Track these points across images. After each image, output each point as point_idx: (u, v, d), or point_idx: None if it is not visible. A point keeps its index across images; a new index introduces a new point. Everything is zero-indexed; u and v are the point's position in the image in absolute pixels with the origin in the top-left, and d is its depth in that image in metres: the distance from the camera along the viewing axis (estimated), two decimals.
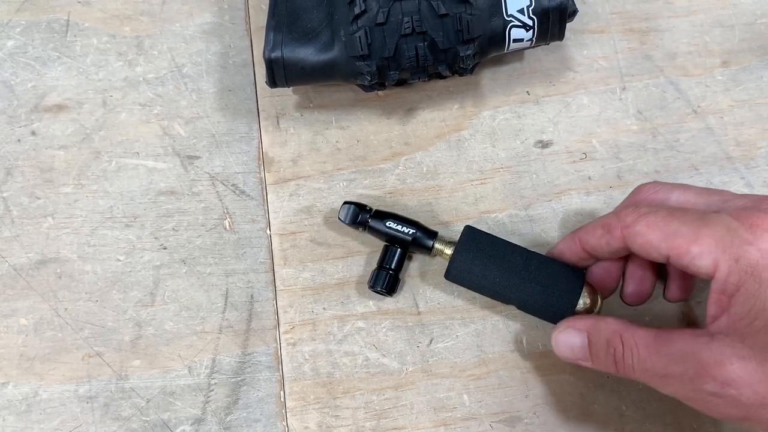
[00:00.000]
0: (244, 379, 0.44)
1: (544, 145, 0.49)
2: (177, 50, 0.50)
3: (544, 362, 0.45)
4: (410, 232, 0.44)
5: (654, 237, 0.35)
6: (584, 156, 0.49)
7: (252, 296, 0.45)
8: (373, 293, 0.45)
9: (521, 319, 0.45)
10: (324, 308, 0.45)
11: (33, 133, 0.48)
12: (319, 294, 0.45)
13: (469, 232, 0.43)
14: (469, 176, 0.48)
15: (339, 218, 0.44)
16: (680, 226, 0.34)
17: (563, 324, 0.40)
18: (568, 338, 0.39)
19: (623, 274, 0.43)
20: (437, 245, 0.43)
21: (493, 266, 0.42)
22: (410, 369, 0.44)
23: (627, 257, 0.42)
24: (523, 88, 0.50)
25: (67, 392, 0.43)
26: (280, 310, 0.45)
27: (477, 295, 0.45)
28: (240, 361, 0.44)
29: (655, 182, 0.41)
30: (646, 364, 0.35)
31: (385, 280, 0.44)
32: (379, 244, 0.45)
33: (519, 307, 0.43)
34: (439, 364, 0.44)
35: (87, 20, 0.50)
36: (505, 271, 0.42)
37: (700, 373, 0.33)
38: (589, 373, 0.44)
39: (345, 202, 0.44)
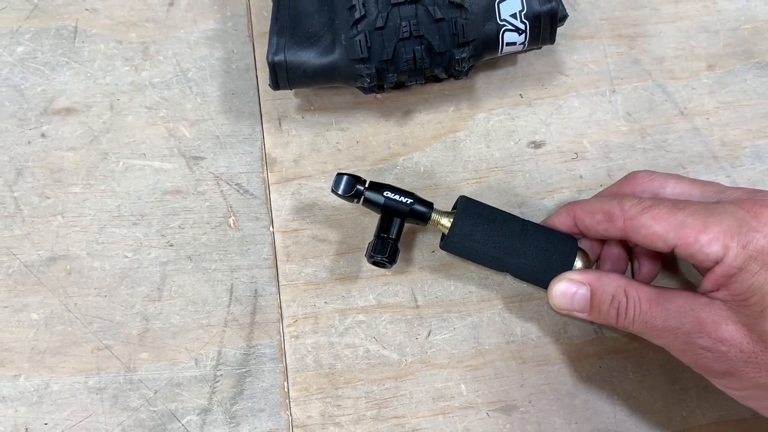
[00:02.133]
0: (248, 371, 0.45)
1: (536, 145, 0.51)
2: (182, 55, 0.52)
3: (539, 353, 0.46)
4: (408, 202, 0.43)
5: (660, 228, 0.37)
6: (576, 156, 0.50)
7: (256, 291, 0.47)
8: (373, 266, 0.45)
9: (516, 312, 0.47)
10: (326, 302, 0.47)
11: (43, 135, 0.49)
12: (321, 289, 0.47)
13: (466, 201, 0.44)
14: (464, 175, 0.50)
15: (332, 190, 0.43)
16: (687, 217, 0.37)
17: (562, 276, 0.42)
18: (569, 288, 0.41)
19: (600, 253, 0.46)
20: (434, 215, 0.44)
21: (493, 231, 0.43)
22: (409, 360, 0.46)
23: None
24: (516, 91, 0.52)
25: (77, 384, 0.44)
26: (283, 304, 0.46)
27: (473, 288, 0.47)
28: (245, 354, 0.45)
29: (648, 171, 0.43)
30: (647, 317, 0.38)
31: (388, 249, 0.43)
32: None
33: (515, 274, 0.44)
34: (438, 356, 0.46)
35: (94, 27, 0.52)
36: (505, 235, 0.43)
37: (697, 329, 0.37)
38: (582, 363, 0.46)
39: (338, 173, 0.43)
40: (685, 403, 0.45)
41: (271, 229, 0.48)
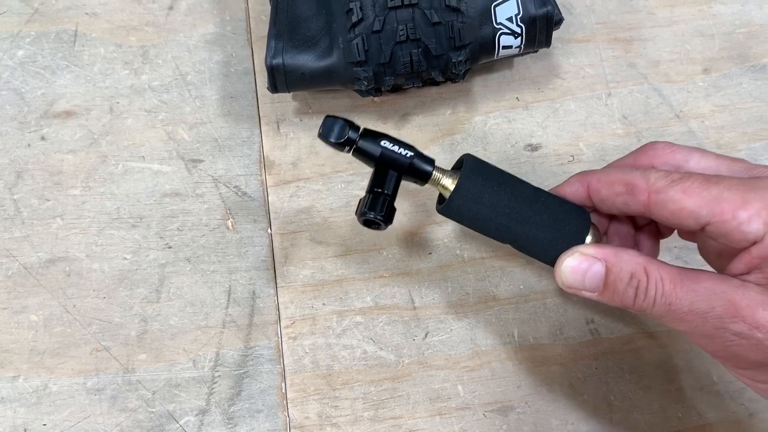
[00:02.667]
0: (246, 372, 0.45)
1: (533, 148, 0.51)
2: (181, 59, 0.52)
3: (535, 354, 0.46)
4: (408, 155, 0.38)
5: (691, 203, 0.34)
6: (572, 158, 0.51)
7: (254, 293, 0.47)
8: (365, 227, 0.40)
9: (513, 313, 0.47)
10: (323, 304, 0.47)
11: (42, 138, 0.50)
12: (319, 290, 0.47)
13: (474, 160, 0.39)
14: None
15: (320, 135, 0.38)
16: (723, 191, 0.33)
17: (574, 249, 0.37)
18: (581, 264, 0.36)
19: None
20: (436, 173, 0.39)
21: (503, 195, 0.38)
22: (406, 361, 0.46)
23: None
24: (513, 95, 0.52)
25: (76, 385, 0.45)
26: (281, 306, 0.47)
27: (470, 290, 0.47)
28: (243, 355, 0.46)
29: (668, 142, 0.40)
30: (671, 298, 0.34)
31: (383, 205, 0.38)
32: (379, 242, 0.47)
33: (520, 245, 0.40)
34: (435, 357, 0.46)
35: (94, 31, 0.53)
36: (517, 200, 0.38)
37: (731, 312, 0.33)
38: (578, 364, 0.46)
39: (328, 116, 0.38)
40: (681, 404, 0.46)
41: (269, 231, 0.48)
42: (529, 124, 0.52)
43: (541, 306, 0.47)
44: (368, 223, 0.39)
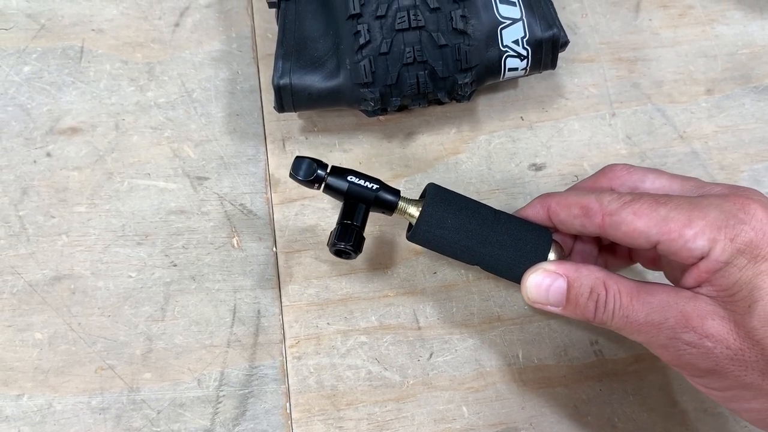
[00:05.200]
0: (251, 392, 0.45)
1: (537, 167, 0.51)
2: (187, 76, 0.52)
3: (540, 375, 0.46)
4: (374, 188, 0.41)
5: (642, 224, 0.36)
6: (576, 178, 0.51)
7: (259, 311, 0.47)
8: (337, 257, 0.42)
9: (518, 334, 0.47)
10: (328, 323, 0.47)
11: (48, 154, 0.50)
12: (324, 309, 0.47)
13: (435, 188, 0.42)
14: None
15: (291, 174, 0.41)
16: (669, 211, 0.35)
17: (537, 266, 0.39)
18: (544, 280, 0.38)
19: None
20: (401, 203, 0.42)
21: (465, 219, 0.41)
22: (411, 382, 0.46)
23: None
24: (517, 114, 0.53)
25: (81, 404, 0.45)
26: (285, 325, 0.47)
27: (475, 310, 0.47)
28: (247, 374, 0.46)
29: (626, 164, 0.42)
30: (628, 311, 0.36)
31: (351, 236, 0.40)
32: (383, 254, 0.47)
33: (487, 265, 0.42)
34: (439, 377, 0.46)
35: (100, 47, 0.53)
36: (477, 223, 0.41)
37: (682, 324, 0.35)
38: (583, 386, 0.46)
39: (297, 157, 0.41)
40: (684, 426, 0.46)
41: (274, 249, 0.48)
42: (534, 143, 0.52)
43: (546, 327, 0.47)
44: (339, 253, 0.41)
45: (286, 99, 0.46)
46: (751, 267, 0.34)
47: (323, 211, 0.49)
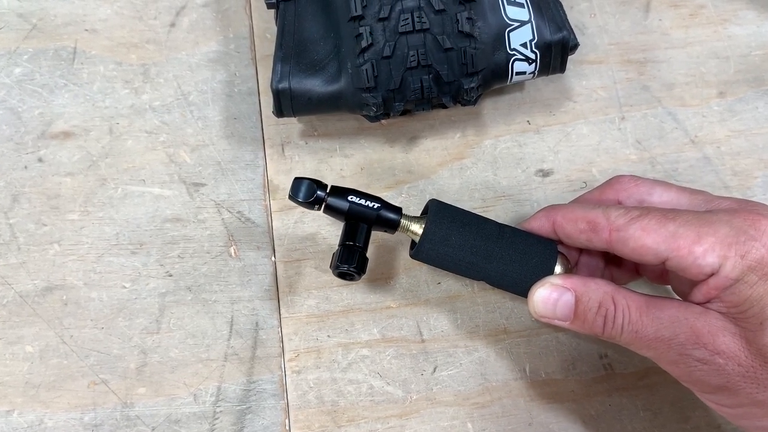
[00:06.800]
0: (249, 407, 0.44)
1: (545, 173, 0.50)
2: (183, 78, 0.51)
3: (547, 390, 0.45)
4: (375, 207, 0.40)
5: (650, 240, 0.35)
6: (584, 185, 0.49)
7: (257, 324, 0.45)
8: (340, 279, 0.41)
9: (524, 347, 0.46)
10: (328, 336, 0.46)
11: (40, 160, 0.48)
12: (324, 321, 0.46)
13: (437, 204, 0.41)
14: (471, 204, 0.49)
15: (290, 196, 0.40)
16: (678, 227, 0.35)
17: (544, 281, 0.38)
18: (552, 294, 0.38)
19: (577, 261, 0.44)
20: (404, 221, 0.41)
21: (469, 235, 0.40)
22: (414, 397, 0.45)
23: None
24: (523, 118, 0.51)
25: (73, 420, 0.43)
26: (284, 338, 0.45)
27: (480, 322, 0.46)
28: (245, 389, 0.44)
29: (633, 176, 0.41)
30: (637, 326, 0.36)
31: (355, 258, 0.39)
32: (384, 268, 0.45)
33: (493, 281, 0.41)
34: (443, 392, 0.45)
35: (94, 48, 0.51)
36: (482, 239, 0.40)
37: (692, 340, 0.35)
38: (591, 401, 0.45)
39: (296, 178, 0.40)
40: None
41: (272, 258, 0.47)
42: (541, 148, 0.50)
43: (554, 339, 0.46)
44: (342, 275, 0.41)
45: (285, 104, 0.45)
46: (762, 284, 0.33)
47: (323, 219, 0.48)
